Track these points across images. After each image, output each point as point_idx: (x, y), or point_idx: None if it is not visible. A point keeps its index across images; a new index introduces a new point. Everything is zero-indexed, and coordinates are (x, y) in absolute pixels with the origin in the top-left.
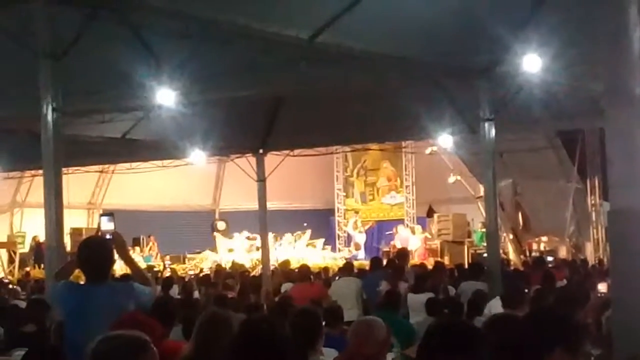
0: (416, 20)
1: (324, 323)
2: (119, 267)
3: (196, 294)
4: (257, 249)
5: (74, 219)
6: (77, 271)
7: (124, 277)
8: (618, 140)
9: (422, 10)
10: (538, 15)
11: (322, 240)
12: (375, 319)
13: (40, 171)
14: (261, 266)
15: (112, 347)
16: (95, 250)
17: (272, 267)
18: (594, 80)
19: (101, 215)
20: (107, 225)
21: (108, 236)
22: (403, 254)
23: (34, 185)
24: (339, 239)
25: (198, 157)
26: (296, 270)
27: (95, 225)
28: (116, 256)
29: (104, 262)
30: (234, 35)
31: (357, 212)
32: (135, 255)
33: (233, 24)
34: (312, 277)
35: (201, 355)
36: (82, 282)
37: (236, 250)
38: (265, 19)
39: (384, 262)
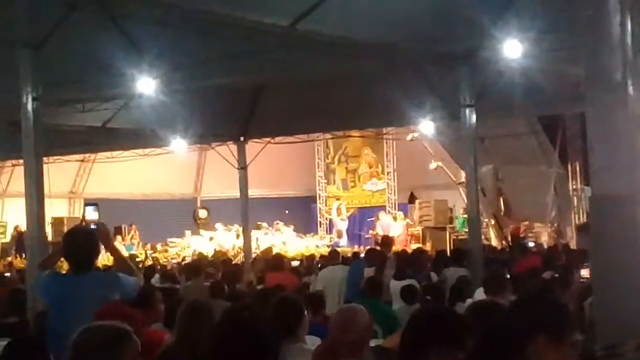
0: (396, 6)
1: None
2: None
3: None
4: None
5: (55, 209)
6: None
7: (107, 267)
8: (599, 125)
9: None
10: (518, 0)
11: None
12: (357, 306)
13: (21, 161)
14: (243, 254)
15: (94, 338)
16: (80, 241)
17: (253, 255)
18: (574, 65)
19: (85, 205)
20: (92, 215)
21: (93, 226)
22: (387, 241)
23: (15, 174)
24: (320, 226)
25: (179, 146)
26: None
27: (77, 215)
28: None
29: (88, 253)
30: (214, 23)
31: (338, 199)
32: (117, 244)
33: (213, 12)
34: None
35: (183, 345)
36: (65, 272)
37: (217, 239)
38: (245, 6)
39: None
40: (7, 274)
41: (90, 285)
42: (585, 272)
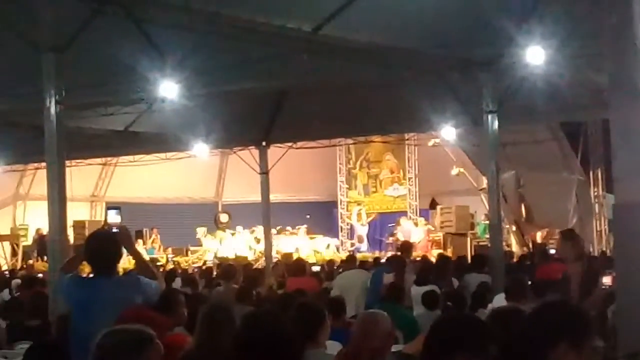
0: (419, 12)
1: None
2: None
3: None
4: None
5: (77, 212)
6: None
7: (129, 270)
8: (623, 133)
9: (426, 2)
10: (541, 7)
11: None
12: (380, 312)
13: (43, 164)
14: (264, 258)
15: (117, 341)
16: (102, 244)
17: (274, 260)
18: (597, 72)
19: (108, 208)
20: (114, 218)
21: (115, 229)
22: (406, 246)
23: (37, 178)
24: (341, 231)
25: (201, 150)
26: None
27: (98, 218)
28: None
29: (111, 256)
30: (237, 28)
31: (359, 204)
32: (138, 248)
33: (237, 16)
34: (307, 269)
35: (204, 349)
36: (87, 275)
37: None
38: (268, 11)
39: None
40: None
41: (113, 289)
42: (607, 280)
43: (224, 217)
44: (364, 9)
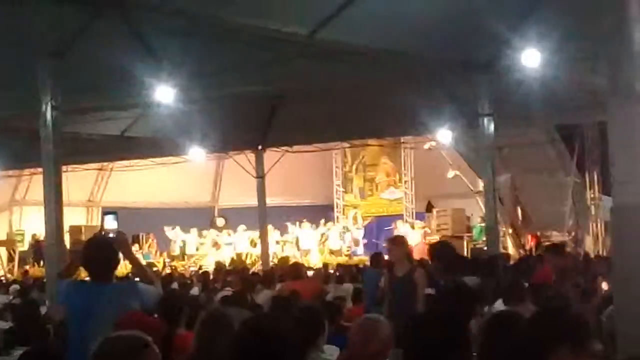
0: (415, 15)
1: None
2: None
3: (195, 291)
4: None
5: (73, 217)
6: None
7: (126, 276)
8: (620, 136)
9: (421, 5)
10: (537, 9)
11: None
12: (379, 317)
13: (39, 169)
14: (261, 262)
15: (115, 348)
16: (99, 250)
17: (271, 264)
18: (593, 74)
19: (104, 213)
20: (111, 223)
21: (111, 235)
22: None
23: (33, 183)
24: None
25: (197, 154)
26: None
27: (95, 223)
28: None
29: (108, 262)
30: (233, 32)
31: (356, 208)
32: (135, 253)
33: (233, 21)
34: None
35: (203, 354)
36: (84, 281)
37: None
38: (264, 15)
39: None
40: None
41: (110, 295)
42: (604, 284)
43: (220, 222)
44: (360, 12)
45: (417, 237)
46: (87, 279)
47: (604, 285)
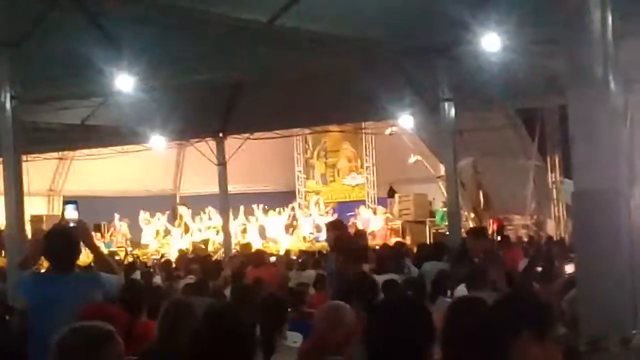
0: (374, 1)
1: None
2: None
3: (158, 280)
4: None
5: (34, 206)
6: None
7: (89, 265)
8: (580, 121)
9: None
10: None
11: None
12: (342, 304)
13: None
14: (223, 250)
15: (77, 339)
16: (60, 240)
17: (233, 251)
18: (553, 58)
19: (65, 203)
20: (72, 213)
21: (72, 224)
22: (360, 234)
23: None
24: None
25: (158, 142)
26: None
27: (56, 212)
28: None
29: (70, 253)
30: (193, 20)
31: (317, 194)
32: (97, 242)
33: (192, 8)
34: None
35: (166, 344)
36: (46, 272)
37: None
38: (224, 3)
39: None
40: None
41: (73, 286)
42: (569, 268)
43: (182, 209)
44: None
45: (380, 223)
46: (48, 269)
47: (568, 269)
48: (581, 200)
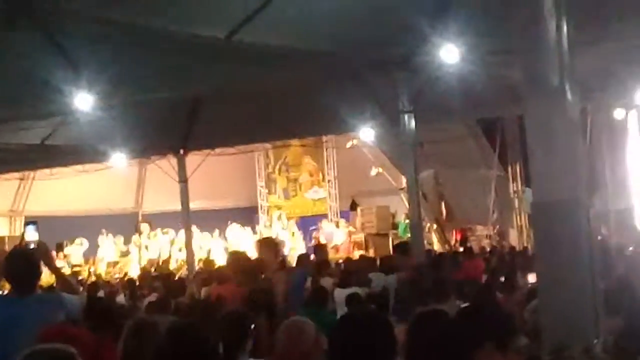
0: (332, 13)
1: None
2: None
3: (122, 298)
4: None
5: None
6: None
7: (51, 286)
8: (538, 131)
9: (337, 3)
10: (455, 5)
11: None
12: (304, 320)
13: None
14: (186, 267)
15: None
16: (21, 263)
17: (197, 268)
18: (511, 68)
19: (26, 224)
20: (32, 234)
21: (32, 245)
22: (320, 248)
23: None
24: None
25: (118, 160)
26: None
27: (18, 233)
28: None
29: (30, 274)
30: (151, 37)
31: (280, 209)
32: (59, 261)
33: (150, 26)
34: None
35: None
36: (6, 294)
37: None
38: (181, 20)
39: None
40: None
41: (34, 308)
42: (532, 277)
43: (144, 227)
44: (276, 14)
45: (343, 236)
46: (10, 291)
47: (530, 279)
48: (541, 210)
